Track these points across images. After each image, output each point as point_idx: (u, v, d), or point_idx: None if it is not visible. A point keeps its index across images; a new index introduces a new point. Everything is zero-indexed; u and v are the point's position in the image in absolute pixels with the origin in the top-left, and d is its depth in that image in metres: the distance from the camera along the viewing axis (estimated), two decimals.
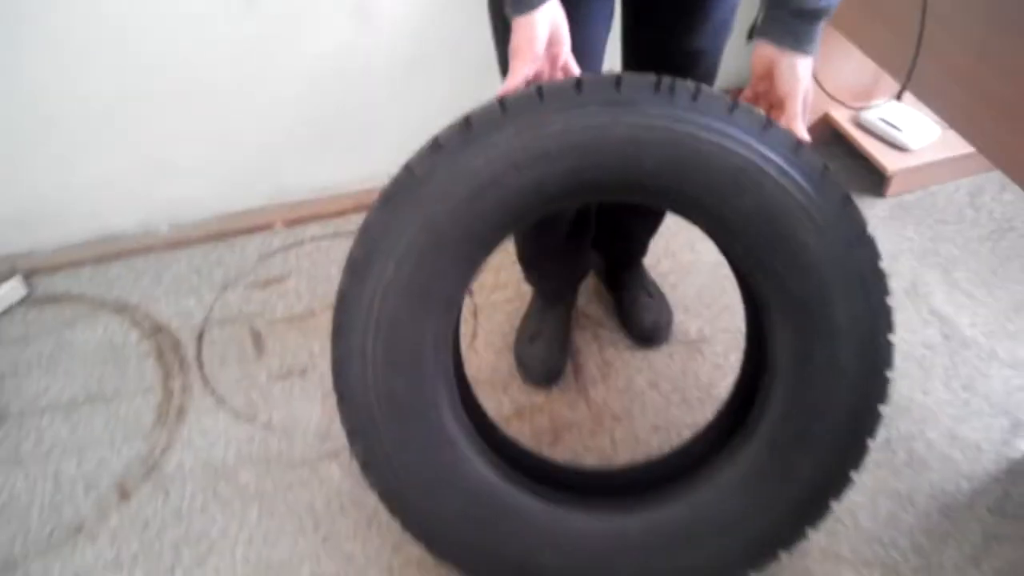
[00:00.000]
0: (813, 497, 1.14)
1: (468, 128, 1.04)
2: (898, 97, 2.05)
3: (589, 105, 1.00)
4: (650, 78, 1.02)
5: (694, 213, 1.07)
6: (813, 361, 1.08)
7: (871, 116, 1.99)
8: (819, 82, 1.96)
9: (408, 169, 1.06)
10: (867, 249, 1.05)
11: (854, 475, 1.14)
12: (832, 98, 1.95)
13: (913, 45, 1.53)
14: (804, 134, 1.04)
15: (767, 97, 1.08)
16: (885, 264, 1.85)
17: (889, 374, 1.10)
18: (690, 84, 1.02)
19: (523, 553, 1.16)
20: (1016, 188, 1.98)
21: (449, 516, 1.15)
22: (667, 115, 1.01)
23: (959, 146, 1.93)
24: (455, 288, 1.11)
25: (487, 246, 1.11)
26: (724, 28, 1.28)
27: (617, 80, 1.01)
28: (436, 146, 1.05)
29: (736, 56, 2.09)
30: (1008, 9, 1.36)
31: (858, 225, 1.04)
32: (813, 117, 2.07)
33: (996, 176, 2.02)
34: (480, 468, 1.16)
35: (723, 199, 1.03)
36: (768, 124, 1.02)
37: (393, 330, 1.10)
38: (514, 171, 1.03)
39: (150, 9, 1.57)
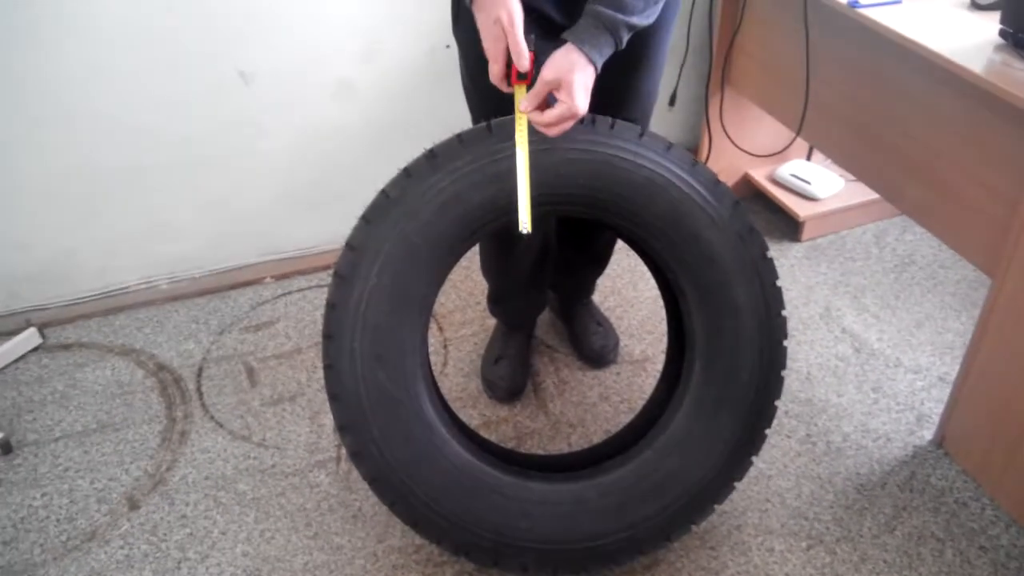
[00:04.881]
0: (735, 453, 1.35)
1: (433, 158, 1.29)
2: (808, 156, 2.38)
3: (530, 135, 1.26)
4: None
5: (621, 220, 1.32)
6: (722, 335, 1.32)
7: (784, 172, 2.30)
8: (739, 146, 2.28)
9: (384, 193, 1.31)
10: (756, 242, 1.31)
11: (768, 433, 1.37)
12: (751, 155, 2.27)
13: (802, 101, 1.84)
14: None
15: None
16: (801, 294, 2.14)
17: (786, 344, 1.34)
18: (607, 118, 1.29)
19: (499, 521, 1.34)
20: (917, 229, 2.29)
21: (432, 494, 1.33)
22: (591, 141, 1.28)
23: (861, 194, 2.24)
24: (428, 290, 1.34)
25: (453, 254, 1.34)
26: (650, 97, 1.52)
27: None
28: (406, 174, 1.30)
29: (664, 121, 2.42)
30: (870, 67, 1.68)
31: (747, 223, 1.30)
32: (735, 177, 2.38)
33: (899, 220, 2.32)
34: (457, 449, 1.36)
35: (640, 205, 1.29)
36: (670, 146, 1.30)
37: (377, 329, 1.31)
38: (472, 190, 1.28)
39: (155, 86, 1.83)
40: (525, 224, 1.23)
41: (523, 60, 1.15)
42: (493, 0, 1.14)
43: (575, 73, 1.14)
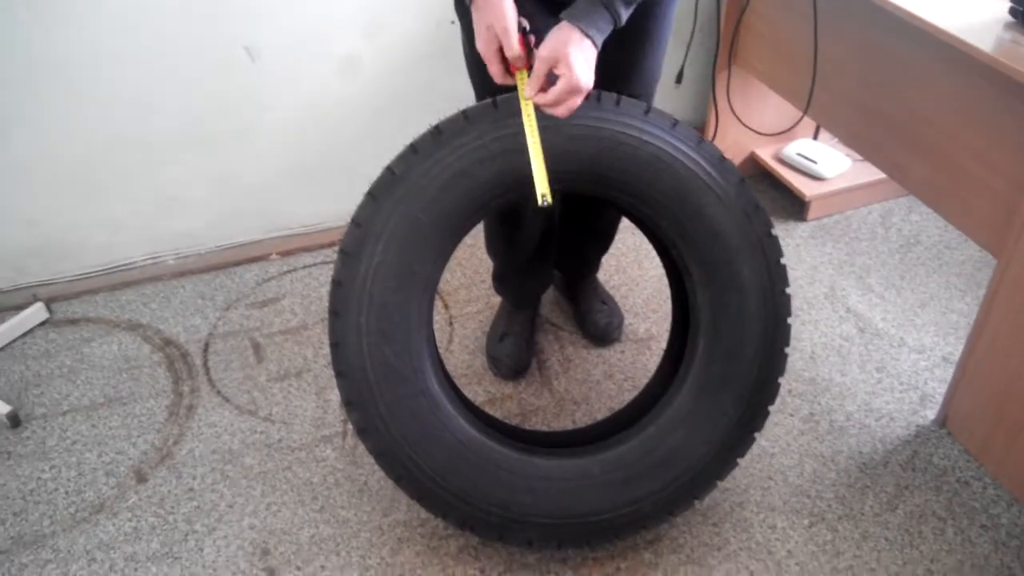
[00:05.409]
0: (739, 430, 1.36)
1: (438, 134, 1.29)
2: (814, 135, 2.37)
3: (536, 115, 1.26)
4: None
5: (627, 197, 1.32)
6: (727, 312, 1.32)
7: (790, 151, 2.29)
8: (745, 124, 2.27)
9: (389, 170, 1.31)
10: (761, 219, 1.31)
11: (771, 411, 1.38)
12: (757, 133, 2.26)
13: (810, 79, 1.83)
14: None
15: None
16: (806, 274, 2.14)
17: (790, 321, 1.34)
18: (612, 95, 1.28)
19: (505, 496, 1.35)
20: (923, 209, 2.28)
21: (438, 469, 1.34)
22: (597, 117, 1.28)
23: (867, 174, 2.23)
24: (434, 267, 1.34)
25: (458, 231, 1.35)
26: (654, 73, 1.51)
27: None
28: (412, 150, 1.30)
29: (670, 98, 2.41)
30: (878, 45, 1.67)
31: (752, 200, 1.30)
32: (741, 155, 2.37)
33: (905, 200, 2.32)
34: (462, 425, 1.36)
35: (646, 182, 1.29)
36: (676, 123, 1.29)
37: (383, 305, 1.31)
38: (477, 166, 1.28)
39: (161, 62, 1.83)
40: (545, 195, 1.23)
41: (519, 63, 1.18)
42: (487, 4, 1.15)
43: (570, 46, 1.14)
